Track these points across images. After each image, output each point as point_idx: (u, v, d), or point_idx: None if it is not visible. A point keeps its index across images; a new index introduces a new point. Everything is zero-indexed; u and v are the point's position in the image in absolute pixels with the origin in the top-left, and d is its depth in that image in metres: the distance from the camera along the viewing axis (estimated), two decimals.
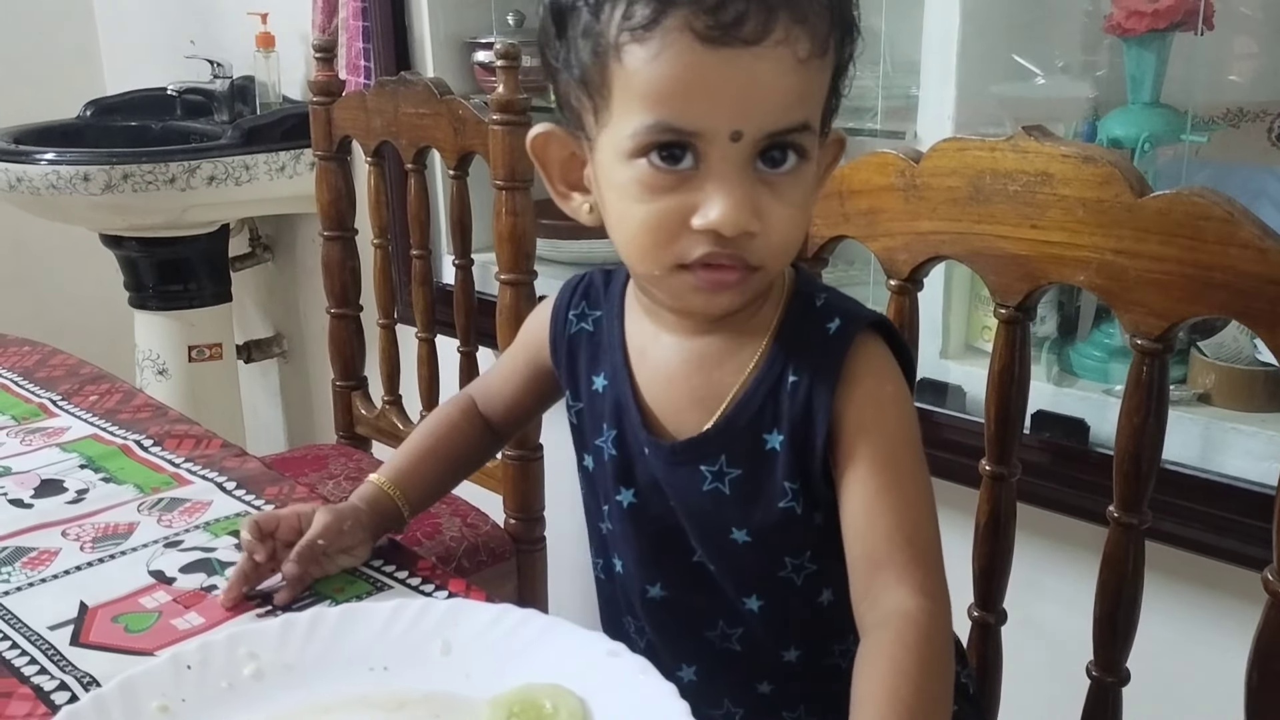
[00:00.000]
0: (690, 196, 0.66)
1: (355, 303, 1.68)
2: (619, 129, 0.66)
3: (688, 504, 0.77)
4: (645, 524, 0.80)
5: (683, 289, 0.70)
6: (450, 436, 0.94)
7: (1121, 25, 1.19)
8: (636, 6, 0.63)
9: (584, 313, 0.83)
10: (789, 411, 0.73)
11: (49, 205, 2.10)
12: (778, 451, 0.74)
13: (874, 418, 0.71)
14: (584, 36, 0.66)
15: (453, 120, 1.42)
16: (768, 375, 0.74)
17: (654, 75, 0.63)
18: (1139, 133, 1.21)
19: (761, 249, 0.67)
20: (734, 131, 0.64)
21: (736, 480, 0.75)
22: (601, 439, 0.81)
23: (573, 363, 0.83)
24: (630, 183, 0.67)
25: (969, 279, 1.32)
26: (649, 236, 0.67)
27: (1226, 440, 1.11)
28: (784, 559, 0.76)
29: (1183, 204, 0.78)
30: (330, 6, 1.98)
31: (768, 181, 0.66)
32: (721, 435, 0.75)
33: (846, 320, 0.74)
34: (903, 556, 0.68)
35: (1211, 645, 1.15)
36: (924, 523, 0.70)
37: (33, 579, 0.85)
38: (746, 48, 0.62)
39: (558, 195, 0.76)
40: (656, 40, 0.63)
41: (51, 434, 1.13)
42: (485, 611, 0.74)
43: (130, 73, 2.69)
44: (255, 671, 0.70)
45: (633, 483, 0.79)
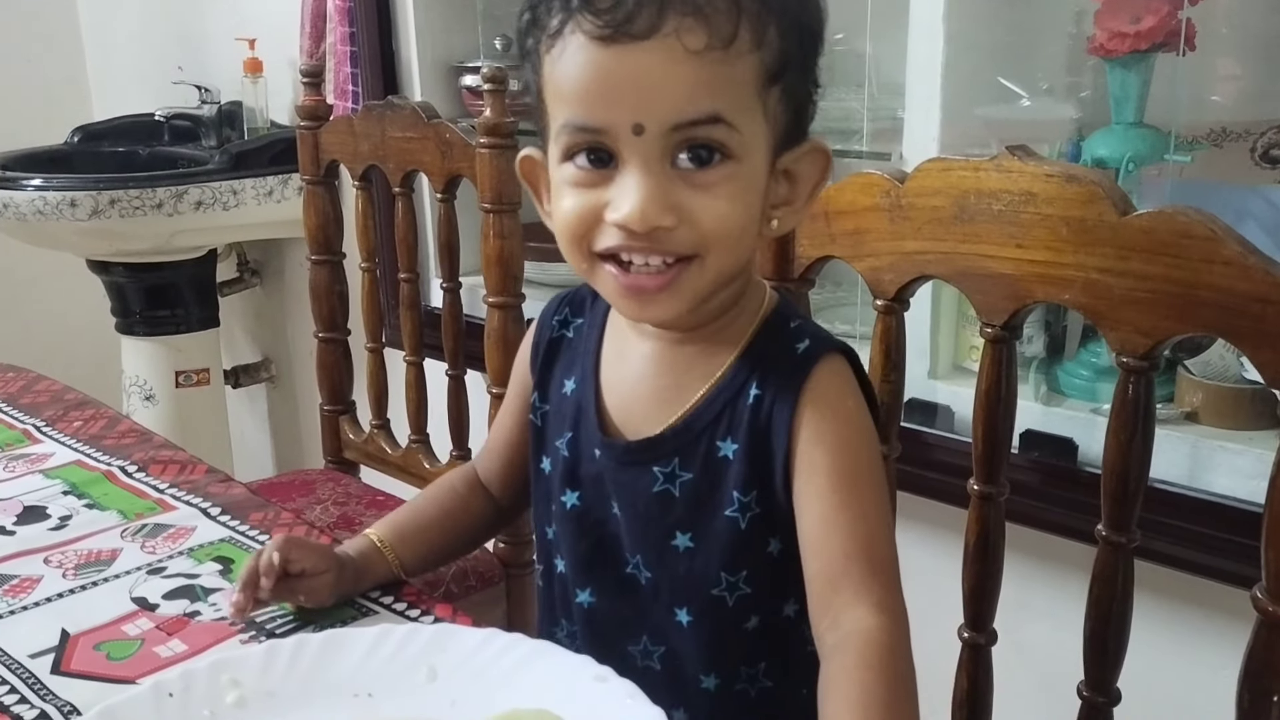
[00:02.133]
0: (607, 192, 0.68)
1: (343, 327, 1.68)
2: (551, 135, 0.71)
3: (635, 505, 0.78)
4: (586, 528, 0.80)
5: (609, 290, 0.72)
6: (453, 507, 0.93)
7: (1104, 46, 1.20)
8: (551, 19, 0.68)
9: (567, 319, 0.85)
10: (748, 422, 0.74)
11: (36, 231, 2.10)
12: (730, 460, 0.75)
13: (833, 432, 0.72)
14: (526, 58, 0.72)
15: (440, 144, 1.42)
16: (730, 384, 0.75)
17: (561, 77, 0.68)
18: (1123, 153, 1.21)
19: (688, 238, 0.68)
20: (635, 125, 0.66)
21: (687, 484, 0.76)
22: (560, 440, 0.82)
23: (547, 366, 0.85)
24: (562, 183, 0.71)
25: (956, 299, 1.32)
26: (569, 229, 0.71)
27: (1214, 458, 1.12)
28: (720, 574, 0.76)
29: (1166, 222, 0.78)
30: (318, 32, 1.99)
31: (689, 178, 0.67)
32: (677, 437, 0.76)
33: (815, 341, 0.75)
34: (860, 571, 0.68)
35: (1202, 664, 1.15)
36: (881, 538, 0.71)
37: (14, 606, 0.84)
38: (636, 43, 0.64)
39: (545, 215, 0.78)
40: (561, 44, 0.67)
41: (35, 460, 1.12)
42: (471, 636, 0.74)
43: (118, 98, 2.69)
44: (238, 699, 0.69)
45: (578, 485, 0.80)
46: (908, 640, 0.68)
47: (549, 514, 0.84)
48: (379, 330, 1.64)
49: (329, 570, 0.81)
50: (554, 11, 0.67)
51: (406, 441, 1.59)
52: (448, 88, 1.92)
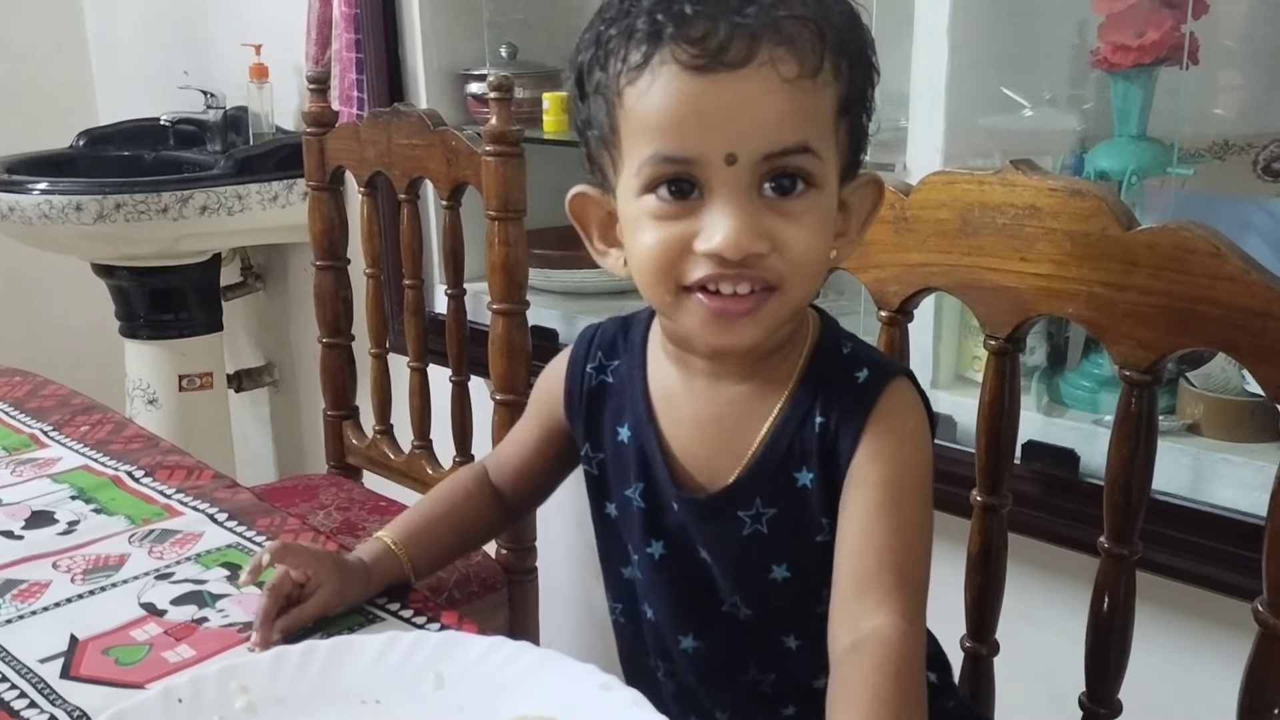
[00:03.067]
0: (695, 223, 0.68)
1: (347, 332, 1.69)
2: (629, 169, 0.70)
3: (726, 551, 0.78)
4: (677, 575, 0.80)
5: (695, 319, 0.70)
6: (464, 504, 0.93)
7: (1108, 59, 1.21)
8: (632, 51, 0.67)
9: (602, 364, 0.84)
10: (818, 450, 0.74)
11: (41, 235, 2.10)
12: (810, 489, 0.75)
13: (890, 447, 0.72)
14: (597, 92, 0.71)
15: (446, 151, 1.42)
16: (793, 416, 0.75)
17: (648, 109, 0.67)
18: (1126, 166, 1.22)
19: (777, 266, 0.68)
20: (728, 155, 0.66)
21: (774, 519, 0.76)
22: (629, 489, 0.81)
23: (593, 414, 0.83)
24: (640, 215, 0.70)
25: (959, 310, 1.33)
26: (654, 262, 0.69)
27: (1216, 471, 1.12)
28: (821, 592, 0.75)
29: (1169, 237, 0.78)
30: (324, 38, 2.00)
31: (776, 207, 0.68)
32: (754, 480, 0.76)
33: (876, 370, 0.75)
34: (889, 580, 0.68)
35: (1203, 676, 1.15)
36: (916, 554, 0.71)
37: (23, 611, 0.84)
38: (732, 72, 0.65)
39: (596, 253, 0.78)
40: (648, 76, 0.66)
41: (42, 465, 1.13)
42: (478, 644, 0.74)
43: (123, 103, 2.70)
44: (247, 705, 0.70)
45: (662, 534, 0.80)
46: (924, 652, 0.68)
47: (626, 559, 0.83)
48: (383, 336, 1.65)
49: (331, 576, 0.81)
50: (636, 44, 0.67)
51: (409, 447, 1.60)
52: (454, 95, 1.92)
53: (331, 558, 0.83)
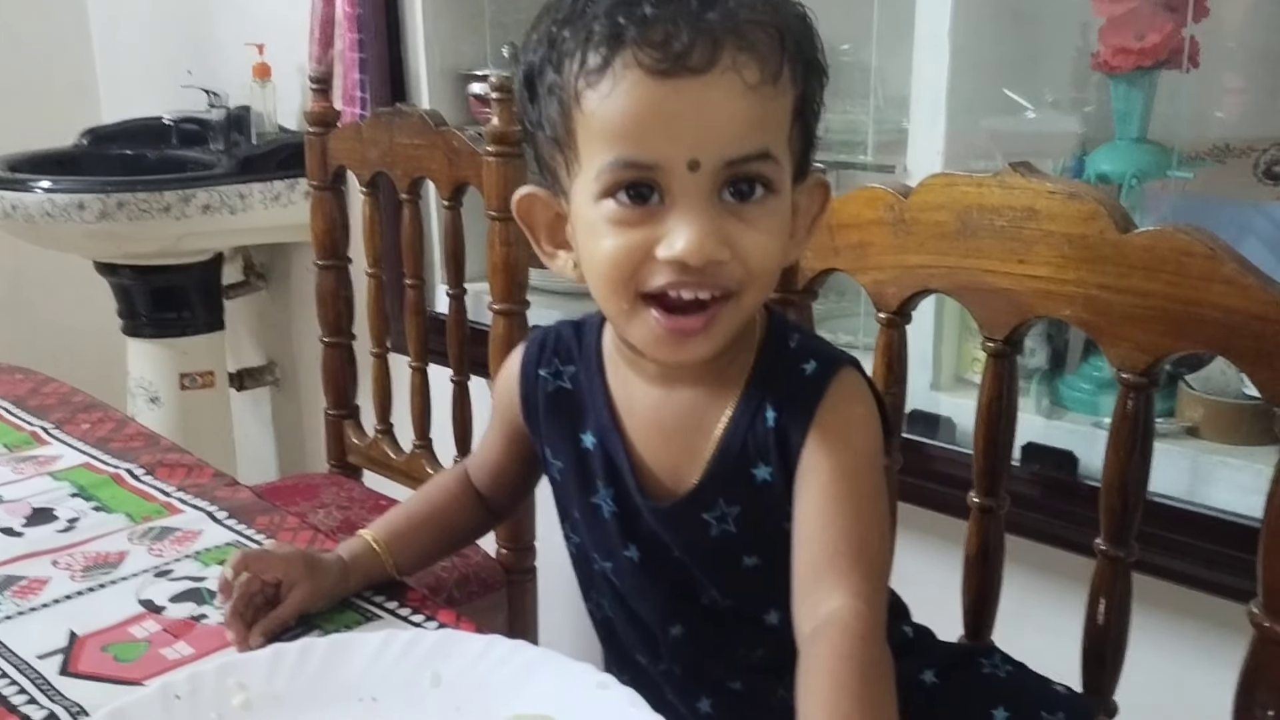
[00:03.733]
0: (655, 229, 0.67)
1: (348, 331, 1.69)
2: (586, 173, 0.68)
3: (697, 549, 0.78)
4: (657, 575, 0.80)
5: (647, 335, 0.70)
6: (447, 505, 0.93)
7: (1109, 62, 1.21)
8: (590, 53, 0.66)
9: (558, 370, 0.83)
10: (773, 445, 0.74)
11: (44, 233, 2.10)
12: (770, 482, 0.75)
13: (840, 433, 0.72)
14: (549, 93, 0.69)
15: (447, 151, 1.43)
16: (745, 414, 0.75)
17: (610, 113, 0.66)
18: (1126, 168, 1.22)
19: (736, 273, 0.68)
20: (691, 160, 0.65)
21: (739, 517, 0.76)
22: (597, 496, 0.81)
23: (554, 420, 0.83)
24: (599, 221, 0.69)
25: (958, 312, 1.33)
26: (615, 269, 0.69)
27: (1214, 473, 1.12)
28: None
29: (1166, 240, 0.79)
30: (327, 38, 2.00)
31: (735, 212, 0.67)
32: (714, 482, 0.76)
33: (822, 361, 0.75)
34: (844, 563, 0.68)
35: (1198, 677, 1.15)
36: (872, 534, 0.71)
37: (22, 608, 0.85)
38: (695, 76, 0.64)
39: (544, 255, 0.77)
40: (609, 80, 0.65)
41: (43, 462, 1.13)
42: (475, 642, 0.75)
43: (127, 102, 2.70)
44: (244, 702, 0.70)
45: (637, 538, 0.80)
46: (882, 628, 0.68)
47: (601, 562, 0.83)
48: (384, 335, 1.65)
49: (304, 575, 0.81)
50: (594, 46, 0.66)
51: (410, 447, 1.60)
52: (455, 95, 1.93)
53: (302, 557, 0.83)
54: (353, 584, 0.85)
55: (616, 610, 0.85)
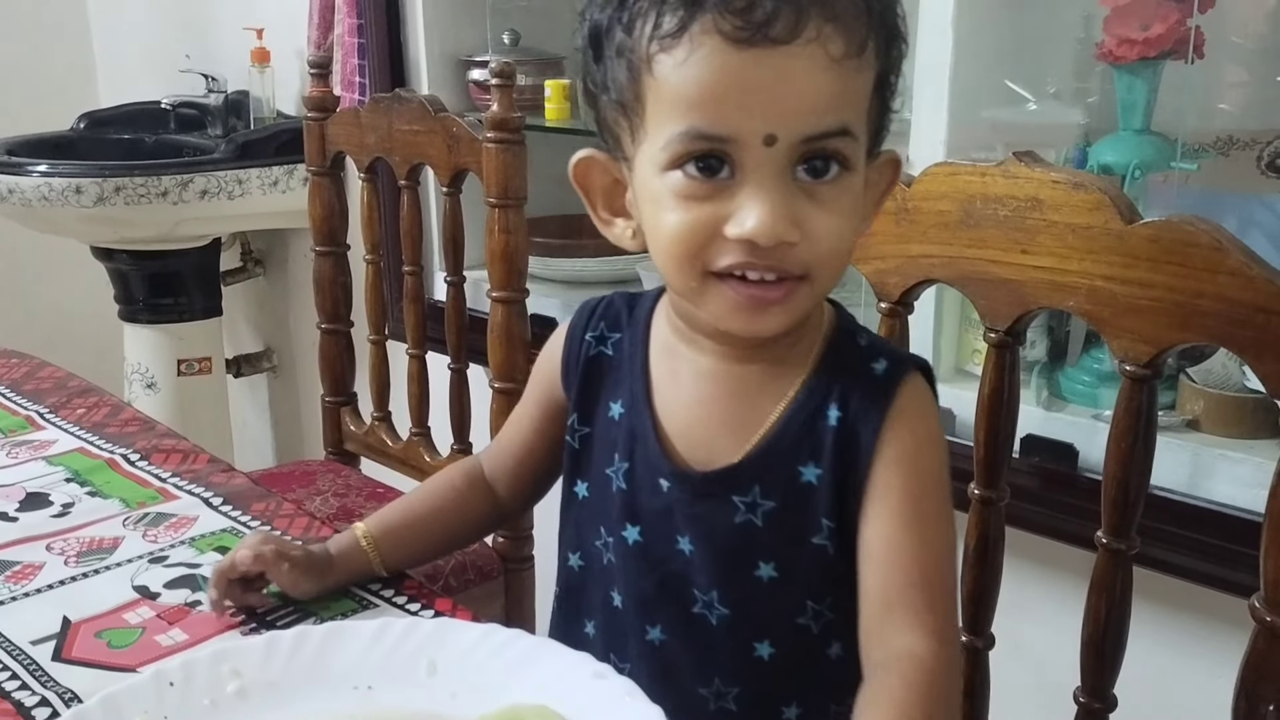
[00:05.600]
0: (725, 205, 0.64)
1: (346, 318, 1.68)
2: (654, 142, 0.65)
3: (712, 538, 0.74)
4: (650, 563, 0.76)
5: (722, 306, 0.67)
6: (449, 503, 0.89)
7: (1113, 53, 1.20)
8: (665, 16, 0.62)
9: (603, 335, 0.80)
10: (831, 446, 0.70)
11: (40, 217, 2.10)
12: (814, 485, 0.71)
13: (911, 453, 0.70)
14: (618, 55, 0.66)
15: (447, 137, 1.42)
16: (806, 405, 0.72)
17: (684, 81, 0.62)
18: (1129, 160, 1.22)
19: (805, 257, 0.65)
20: (768, 135, 0.62)
21: (770, 513, 0.72)
22: (611, 469, 0.77)
23: (587, 385, 0.80)
24: (665, 193, 0.65)
25: (959, 301, 1.32)
26: (681, 245, 0.65)
27: (1215, 466, 1.12)
28: (806, 602, 0.73)
29: (1171, 231, 0.78)
30: (326, 23, 1.99)
31: (809, 190, 0.64)
32: (755, 465, 0.72)
33: (894, 362, 0.72)
34: (919, 597, 0.66)
35: (1199, 671, 1.15)
36: (943, 564, 0.69)
37: (16, 593, 0.84)
38: (777, 47, 0.60)
39: (600, 221, 0.74)
40: (685, 46, 0.62)
41: (38, 447, 1.12)
42: (472, 631, 0.74)
43: (125, 86, 2.69)
44: (239, 689, 0.69)
45: (639, 519, 0.76)
46: (957, 671, 0.67)
47: (585, 542, 0.80)
48: (382, 323, 1.65)
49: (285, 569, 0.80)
50: (670, 8, 0.62)
51: (407, 434, 1.60)
52: (455, 81, 1.92)
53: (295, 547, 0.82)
54: (335, 580, 0.83)
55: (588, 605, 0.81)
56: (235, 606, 0.80)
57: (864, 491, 0.70)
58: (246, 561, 0.79)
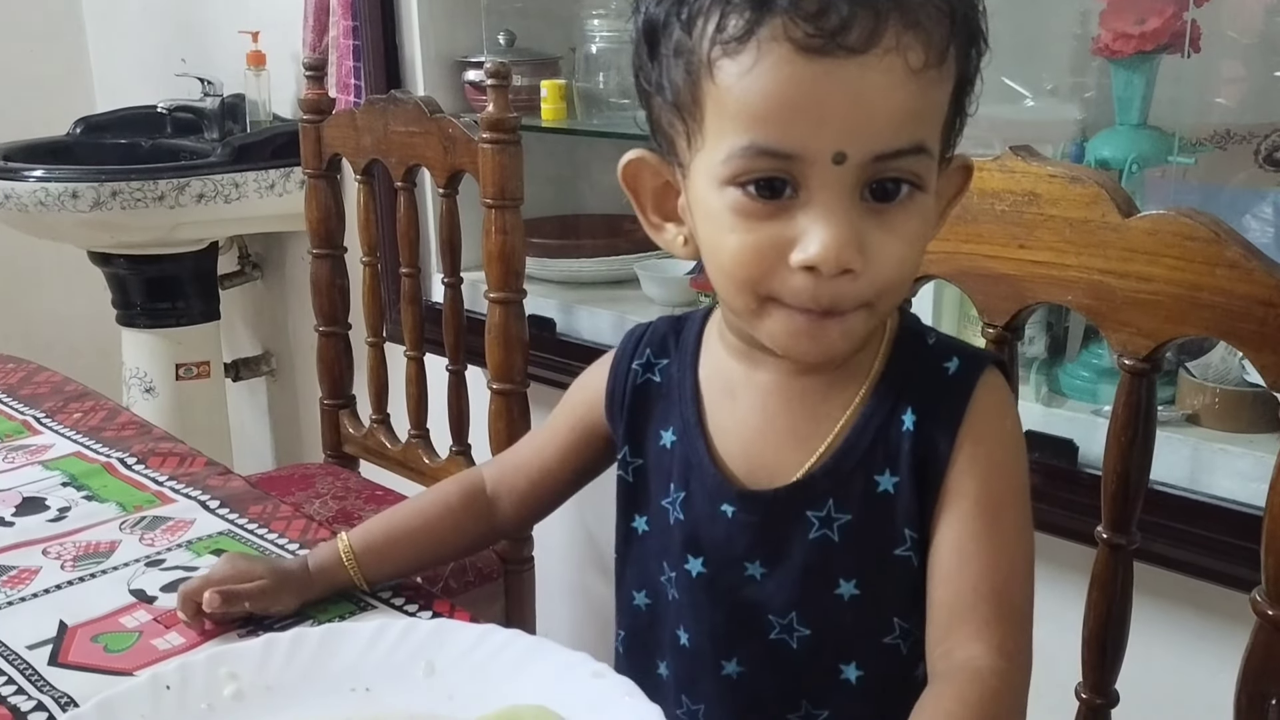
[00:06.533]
0: (788, 227, 0.60)
1: (344, 321, 1.68)
2: (713, 153, 0.61)
3: (788, 558, 0.70)
4: (718, 595, 0.72)
5: (780, 331, 0.63)
6: (440, 520, 0.85)
7: (1109, 47, 1.20)
8: (730, 17, 0.58)
9: (650, 362, 0.76)
10: (909, 453, 0.67)
11: (37, 222, 2.09)
12: (892, 495, 0.67)
13: (988, 454, 0.66)
14: (676, 55, 0.61)
15: (443, 139, 1.42)
16: (877, 412, 0.68)
17: (749, 91, 0.58)
18: (1127, 154, 1.21)
19: (865, 290, 0.61)
20: (837, 153, 0.58)
21: (846, 526, 0.68)
22: (668, 499, 0.74)
23: (635, 416, 0.76)
24: (724, 211, 0.61)
25: (958, 298, 1.32)
26: (742, 270, 0.61)
27: (1215, 461, 1.11)
28: (893, 620, 0.70)
29: (1169, 224, 0.78)
30: (321, 25, 1.99)
31: (876, 214, 0.60)
32: (829, 477, 0.68)
33: (966, 359, 0.69)
34: (988, 610, 0.63)
35: (1200, 666, 1.15)
36: (1018, 577, 0.65)
37: (12, 598, 0.84)
38: (852, 57, 0.56)
39: (650, 226, 0.70)
40: (751, 52, 0.57)
41: (34, 451, 1.12)
42: (470, 632, 0.74)
43: (120, 90, 2.69)
44: (235, 692, 0.69)
45: (700, 550, 0.72)
46: (1023, 692, 0.63)
47: (649, 579, 0.76)
48: (380, 325, 1.64)
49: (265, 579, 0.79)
50: (736, 8, 0.57)
51: (406, 436, 1.59)
52: (451, 82, 1.91)
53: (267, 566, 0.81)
54: (313, 595, 0.81)
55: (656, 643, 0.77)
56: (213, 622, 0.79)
57: (940, 497, 0.67)
58: (214, 604, 0.77)
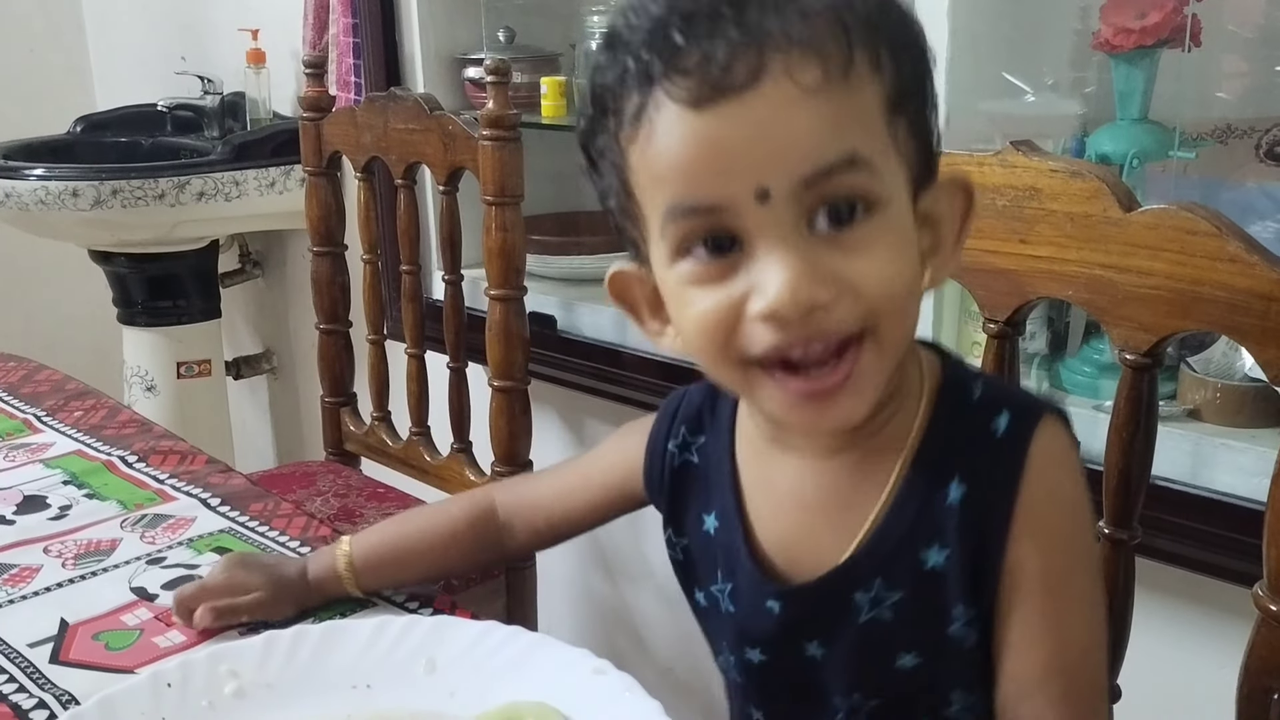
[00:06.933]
0: (743, 281, 0.57)
1: (344, 319, 1.68)
2: (654, 235, 0.60)
3: (841, 642, 0.67)
4: (780, 680, 0.71)
5: (778, 403, 0.60)
6: (442, 541, 0.84)
7: (1109, 42, 1.20)
8: (626, 103, 0.58)
9: (685, 441, 0.74)
10: (958, 526, 0.63)
11: (38, 221, 2.09)
12: (941, 570, 0.63)
13: (1052, 524, 0.62)
14: (603, 158, 0.62)
15: (443, 136, 1.42)
16: (917, 484, 0.64)
17: (656, 160, 0.57)
18: (1127, 149, 1.21)
19: (852, 311, 0.57)
20: (758, 190, 0.55)
21: (898, 605, 0.64)
22: (717, 586, 0.71)
23: (677, 498, 0.74)
24: (681, 286, 0.59)
25: (959, 294, 1.32)
26: (706, 337, 0.59)
27: (1216, 456, 1.11)
28: (951, 694, 0.67)
29: (1170, 219, 0.78)
30: (321, 23, 1.98)
31: (835, 242, 0.56)
32: (871, 558, 0.64)
33: (1017, 414, 0.63)
34: (1057, 689, 0.61)
35: (1202, 661, 1.15)
36: (1089, 653, 0.63)
37: (13, 596, 0.84)
38: (740, 95, 0.54)
39: (651, 334, 0.67)
40: (648, 125, 0.57)
41: (35, 450, 1.12)
42: (470, 629, 0.74)
43: (121, 89, 2.69)
44: (236, 690, 0.69)
45: (756, 642, 0.70)
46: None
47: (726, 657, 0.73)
48: (380, 322, 1.64)
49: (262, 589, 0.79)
50: (629, 92, 0.57)
51: (407, 434, 1.59)
52: (450, 80, 1.91)
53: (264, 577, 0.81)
54: (310, 603, 0.81)
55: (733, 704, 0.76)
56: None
57: (1000, 571, 0.63)
58: (205, 622, 0.78)
